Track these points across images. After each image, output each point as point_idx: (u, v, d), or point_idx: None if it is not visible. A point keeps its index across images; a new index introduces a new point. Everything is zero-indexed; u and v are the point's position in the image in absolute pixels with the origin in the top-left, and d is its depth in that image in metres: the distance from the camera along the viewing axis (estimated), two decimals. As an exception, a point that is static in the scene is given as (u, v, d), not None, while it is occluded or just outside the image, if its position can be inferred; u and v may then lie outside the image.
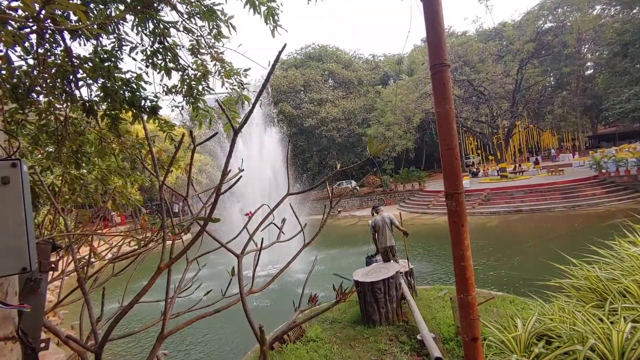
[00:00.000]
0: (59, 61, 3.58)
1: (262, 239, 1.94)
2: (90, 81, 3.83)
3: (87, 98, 3.90)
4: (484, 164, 37.99)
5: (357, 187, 33.02)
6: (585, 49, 35.95)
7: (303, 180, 32.97)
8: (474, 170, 34.19)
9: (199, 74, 4.71)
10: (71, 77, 3.64)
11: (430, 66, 1.61)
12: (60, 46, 3.19)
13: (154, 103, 4.34)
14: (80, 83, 3.77)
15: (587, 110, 35.75)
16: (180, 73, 4.57)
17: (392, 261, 6.60)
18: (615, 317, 2.43)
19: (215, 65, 4.47)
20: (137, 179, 4.58)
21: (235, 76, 4.86)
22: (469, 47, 26.13)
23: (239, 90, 5.02)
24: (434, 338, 4.83)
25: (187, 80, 4.70)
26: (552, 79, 30.33)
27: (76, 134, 3.98)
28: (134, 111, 4.65)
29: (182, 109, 4.97)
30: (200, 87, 4.90)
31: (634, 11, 23.48)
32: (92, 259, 2.10)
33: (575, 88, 30.93)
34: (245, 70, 4.91)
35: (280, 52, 1.31)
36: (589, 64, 36.69)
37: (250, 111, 1.36)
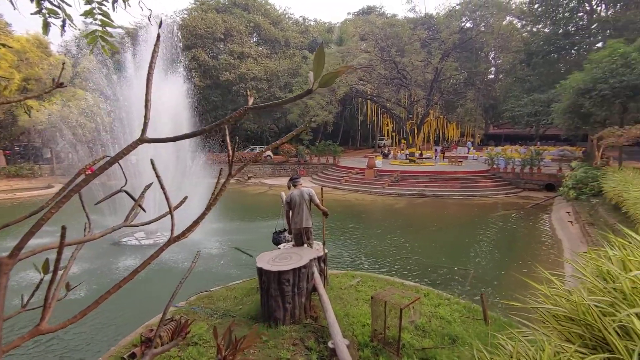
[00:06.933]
0: None
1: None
2: None
3: None
4: (395, 146, 39.89)
5: (271, 155, 31.44)
6: (492, 55, 39.64)
7: (215, 141, 29.96)
8: (385, 151, 35.59)
9: None
10: None
11: None
12: None
13: None
14: None
15: (486, 110, 39.92)
16: None
17: (305, 245, 5.49)
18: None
19: None
20: None
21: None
22: (399, 29, 26.06)
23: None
24: (347, 345, 3.92)
25: None
26: (461, 76, 32.84)
27: None
28: None
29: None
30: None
31: (539, 26, 26.02)
32: None
33: (481, 87, 33.86)
34: None
35: None
36: (492, 69, 40.67)
37: None
